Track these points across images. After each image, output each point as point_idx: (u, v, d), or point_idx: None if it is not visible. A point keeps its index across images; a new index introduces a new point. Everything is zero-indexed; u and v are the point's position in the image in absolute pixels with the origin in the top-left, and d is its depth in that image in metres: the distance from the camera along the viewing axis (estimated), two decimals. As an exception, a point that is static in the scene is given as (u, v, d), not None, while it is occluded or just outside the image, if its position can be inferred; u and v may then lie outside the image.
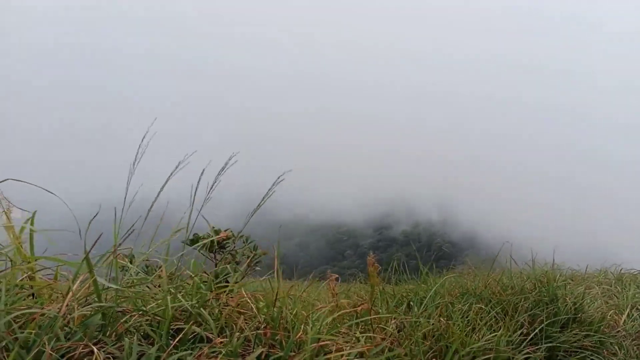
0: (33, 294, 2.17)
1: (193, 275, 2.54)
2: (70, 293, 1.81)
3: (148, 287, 2.51)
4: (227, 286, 2.58)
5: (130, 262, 2.62)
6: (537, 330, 3.84)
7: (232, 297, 2.48)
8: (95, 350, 1.63)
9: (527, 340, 3.73)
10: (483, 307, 3.87)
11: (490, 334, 3.30)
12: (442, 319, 3.18)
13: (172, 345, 1.90)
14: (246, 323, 2.27)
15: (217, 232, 3.13)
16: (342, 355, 2.17)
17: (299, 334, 2.17)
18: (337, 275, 3.02)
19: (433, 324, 3.10)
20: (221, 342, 2.05)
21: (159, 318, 2.14)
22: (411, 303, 3.76)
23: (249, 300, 2.45)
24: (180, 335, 2.03)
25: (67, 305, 1.89)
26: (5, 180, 2.18)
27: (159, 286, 2.49)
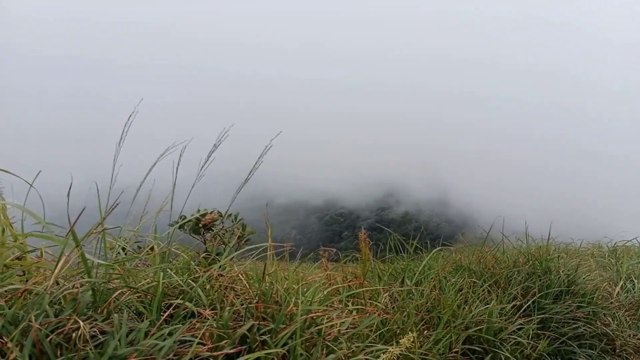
0: (24, 272, 2.17)
1: (182, 254, 2.54)
2: (57, 269, 1.80)
3: (138, 265, 2.51)
4: (217, 263, 2.58)
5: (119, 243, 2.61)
6: (530, 302, 3.87)
7: (222, 274, 2.49)
8: (82, 324, 1.62)
9: (520, 312, 3.77)
10: (476, 280, 3.90)
11: (483, 306, 3.32)
12: (434, 291, 3.20)
13: (162, 319, 1.91)
14: (237, 298, 2.27)
15: (203, 214, 3.11)
16: (332, 326, 2.19)
17: (290, 307, 2.17)
18: (332, 249, 3.02)
19: (425, 297, 3.11)
20: (212, 316, 2.05)
21: (149, 294, 2.14)
22: (405, 279, 3.79)
23: (240, 276, 2.46)
24: (171, 310, 2.03)
25: (56, 283, 1.89)
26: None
27: (150, 264, 2.49)
